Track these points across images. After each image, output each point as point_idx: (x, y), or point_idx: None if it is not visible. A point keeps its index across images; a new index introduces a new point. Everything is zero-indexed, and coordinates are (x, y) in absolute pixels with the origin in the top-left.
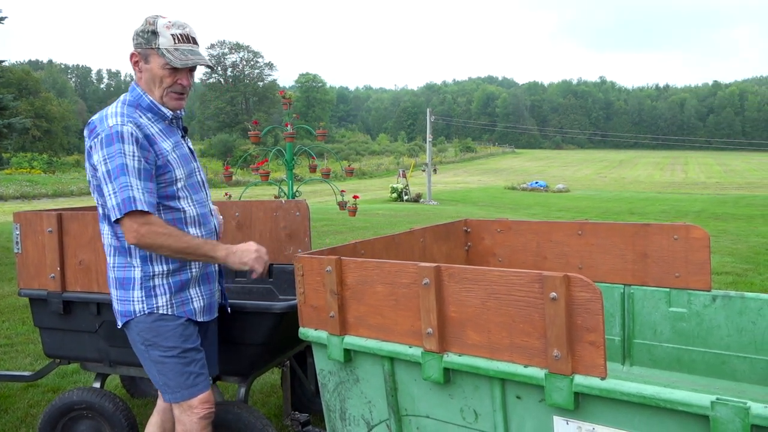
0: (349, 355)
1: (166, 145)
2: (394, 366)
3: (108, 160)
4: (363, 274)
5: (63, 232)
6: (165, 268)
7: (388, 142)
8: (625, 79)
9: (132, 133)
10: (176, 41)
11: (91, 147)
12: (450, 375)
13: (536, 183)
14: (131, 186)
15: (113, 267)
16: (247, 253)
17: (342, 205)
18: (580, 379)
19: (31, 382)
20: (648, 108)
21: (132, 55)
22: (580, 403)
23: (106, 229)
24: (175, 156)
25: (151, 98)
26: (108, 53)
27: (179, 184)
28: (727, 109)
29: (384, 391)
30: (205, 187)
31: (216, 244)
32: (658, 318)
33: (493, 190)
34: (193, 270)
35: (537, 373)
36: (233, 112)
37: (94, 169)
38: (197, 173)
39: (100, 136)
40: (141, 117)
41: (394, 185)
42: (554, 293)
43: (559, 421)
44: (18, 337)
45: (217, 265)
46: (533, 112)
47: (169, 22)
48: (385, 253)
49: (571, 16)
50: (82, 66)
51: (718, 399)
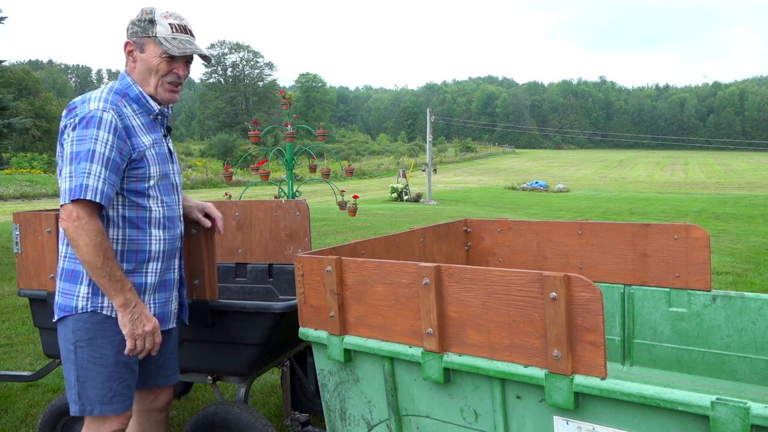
0: (349, 355)
1: (145, 139)
2: (394, 366)
3: (77, 142)
4: (363, 274)
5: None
6: None
7: (388, 142)
8: (625, 79)
9: (111, 121)
10: (174, 30)
11: (65, 126)
12: (450, 375)
13: (536, 183)
14: (92, 173)
15: (63, 257)
16: (139, 324)
17: (342, 205)
18: (580, 379)
19: (31, 382)
20: (648, 108)
21: (127, 44)
22: (581, 403)
23: None
24: (153, 153)
25: (141, 89)
26: (108, 53)
27: (151, 182)
28: (727, 109)
29: (384, 391)
30: (178, 192)
31: (127, 289)
32: (658, 318)
33: (493, 190)
34: (149, 275)
35: (537, 373)
36: (233, 112)
37: (62, 148)
38: (173, 176)
39: (77, 117)
40: (126, 107)
41: (394, 185)
42: (554, 293)
43: (559, 421)
44: (18, 337)
45: (177, 273)
46: (533, 112)
47: (167, 12)
48: (386, 253)
49: (571, 15)
50: (82, 66)
51: (718, 399)
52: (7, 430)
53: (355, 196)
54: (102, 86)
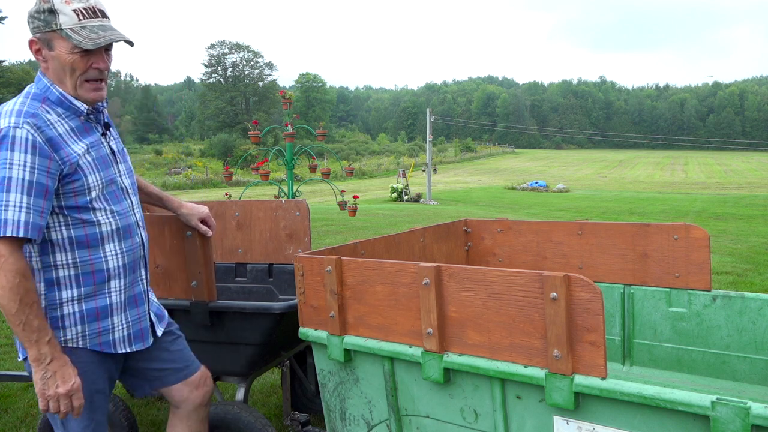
0: (349, 355)
1: (76, 147)
2: (394, 366)
3: None
4: (363, 274)
5: None
6: (75, 293)
7: (388, 142)
8: (625, 79)
9: (27, 138)
10: (80, 17)
11: None
12: (450, 375)
13: (536, 183)
14: (9, 205)
15: None
16: (51, 384)
17: (342, 205)
18: (580, 379)
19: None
20: (648, 108)
21: (31, 43)
22: (581, 403)
23: None
24: (88, 160)
25: (61, 90)
26: None
27: (93, 194)
28: (727, 109)
29: (384, 391)
30: (130, 195)
31: (44, 342)
32: (658, 318)
33: (493, 190)
34: (113, 294)
35: (537, 373)
36: (233, 112)
37: None
38: (120, 178)
39: None
40: (49, 113)
41: (394, 185)
42: (554, 293)
43: (559, 421)
44: None
45: (144, 283)
46: (533, 112)
47: None
48: (386, 253)
49: (571, 15)
50: None
51: (718, 399)
52: (7, 430)
53: (355, 196)
54: (19, 93)
